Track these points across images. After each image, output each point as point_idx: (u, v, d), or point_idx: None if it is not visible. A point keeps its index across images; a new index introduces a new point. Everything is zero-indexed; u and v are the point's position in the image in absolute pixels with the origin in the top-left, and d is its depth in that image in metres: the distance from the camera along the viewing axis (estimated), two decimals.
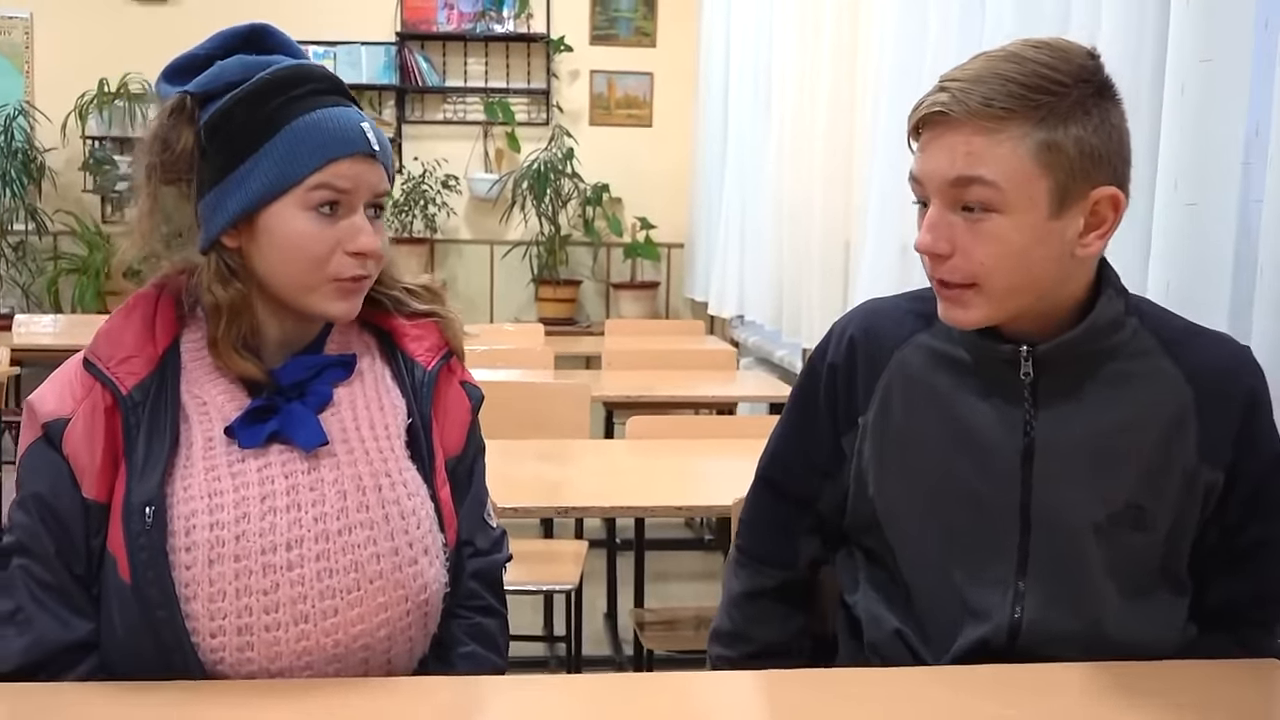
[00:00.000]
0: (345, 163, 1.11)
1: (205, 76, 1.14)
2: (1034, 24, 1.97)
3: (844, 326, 1.26)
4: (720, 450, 2.35)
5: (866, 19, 3.03)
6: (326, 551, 1.09)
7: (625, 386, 3.19)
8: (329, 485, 1.12)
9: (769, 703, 1.13)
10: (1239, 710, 1.05)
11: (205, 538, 1.07)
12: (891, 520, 1.22)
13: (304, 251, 1.11)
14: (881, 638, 1.22)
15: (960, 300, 1.12)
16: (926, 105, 1.09)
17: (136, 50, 5.75)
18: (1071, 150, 1.05)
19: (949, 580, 1.18)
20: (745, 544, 1.35)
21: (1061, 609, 1.15)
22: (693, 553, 4.31)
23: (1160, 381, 1.15)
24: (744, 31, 4.58)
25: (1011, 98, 1.04)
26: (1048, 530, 1.15)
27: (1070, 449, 1.15)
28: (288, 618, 1.07)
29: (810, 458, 1.27)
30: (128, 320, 1.14)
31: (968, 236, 1.08)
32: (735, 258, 4.61)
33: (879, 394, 1.21)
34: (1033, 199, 1.06)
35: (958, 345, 1.18)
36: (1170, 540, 1.16)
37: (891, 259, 2.71)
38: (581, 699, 1.13)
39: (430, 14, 5.89)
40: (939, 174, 1.09)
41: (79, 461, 1.08)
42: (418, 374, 1.22)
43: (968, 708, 1.05)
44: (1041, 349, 1.14)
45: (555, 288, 5.83)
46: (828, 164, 3.28)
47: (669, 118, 6.03)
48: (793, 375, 4.15)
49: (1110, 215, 1.09)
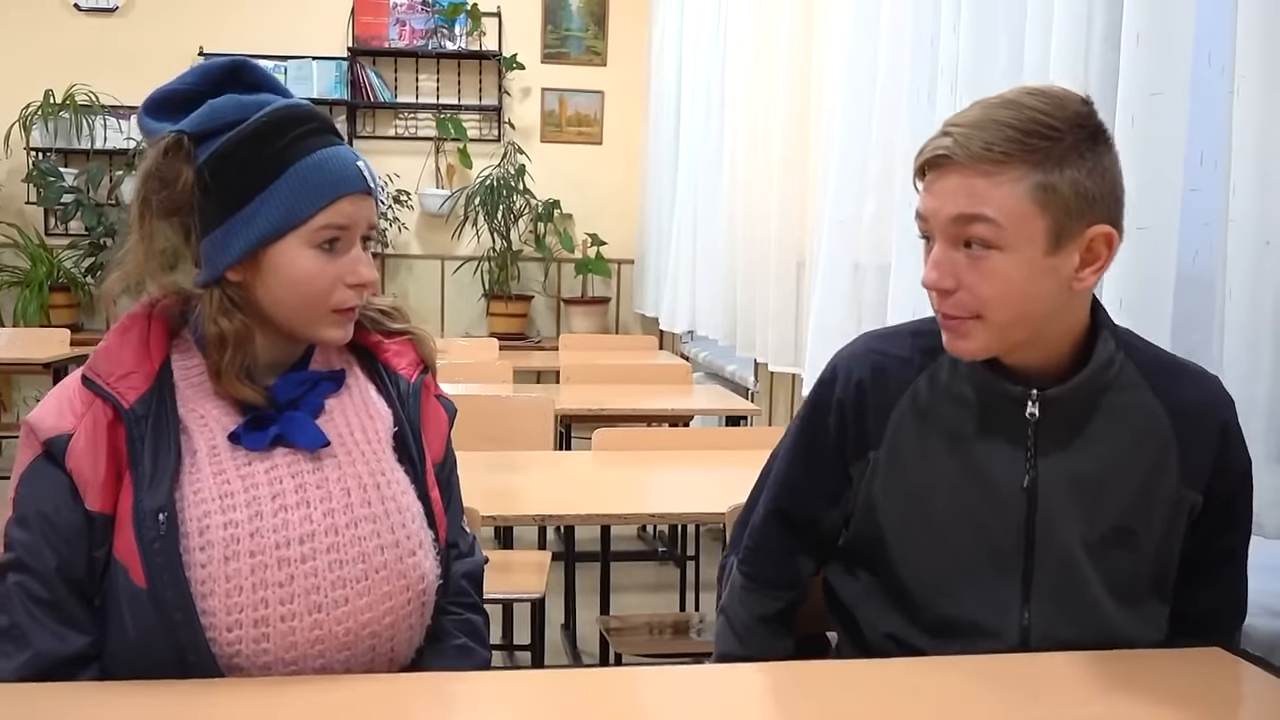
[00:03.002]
0: (346, 201, 1.18)
1: (200, 115, 1.17)
2: (988, 54, 2.06)
3: (849, 367, 1.31)
4: (686, 460, 2.42)
5: (820, 44, 3.12)
6: (336, 544, 1.16)
7: (583, 400, 3.25)
8: (333, 483, 1.18)
9: (769, 694, 1.19)
10: (1185, 689, 1.14)
11: (220, 536, 1.12)
12: (899, 544, 1.29)
13: (309, 286, 1.18)
14: (886, 643, 1.29)
15: (963, 331, 1.19)
16: (931, 149, 1.17)
17: (83, 62, 5.71)
18: (1067, 191, 1.12)
19: (959, 598, 1.26)
20: (754, 571, 1.38)
21: (1066, 622, 1.24)
22: (646, 564, 4.37)
23: (1145, 415, 1.24)
24: (696, 52, 4.67)
25: (1010, 143, 1.12)
26: (1049, 553, 1.24)
27: (1068, 479, 1.23)
28: (302, 608, 1.13)
29: (819, 487, 1.33)
30: (124, 339, 1.18)
31: (971, 272, 1.16)
32: (687, 274, 4.69)
33: (890, 430, 1.28)
34: (1031, 237, 1.13)
35: (964, 382, 1.26)
36: (1158, 557, 1.25)
37: (844, 278, 2.80)
38: (581, 694, 1.17)
39: (382, 30, 5.92)
40: (943, 212, 1.16)
41: (82, 476, 1.12)
42: (403, 386, 1.31)
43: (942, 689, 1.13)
44: (1050, 393, 1.22)
45: (507, 303, 5.87)
46: (782, 185, 3.37)
47: (619, 136, 6.12)
48: (742, 389, 4.24)
49: (1104, 252, 1.16)
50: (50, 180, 5.52)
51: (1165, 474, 1.24)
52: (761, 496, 1.39)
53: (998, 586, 1.25)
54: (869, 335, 1.37)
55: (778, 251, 3.39)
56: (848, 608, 1.34)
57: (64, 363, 4.45)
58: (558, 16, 6.09)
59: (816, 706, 1.13)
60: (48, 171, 5.55)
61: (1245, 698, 1.16)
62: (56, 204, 5.57)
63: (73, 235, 5.75)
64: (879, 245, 2.65)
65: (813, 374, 2.89)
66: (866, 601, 1.32)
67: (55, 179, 5.54)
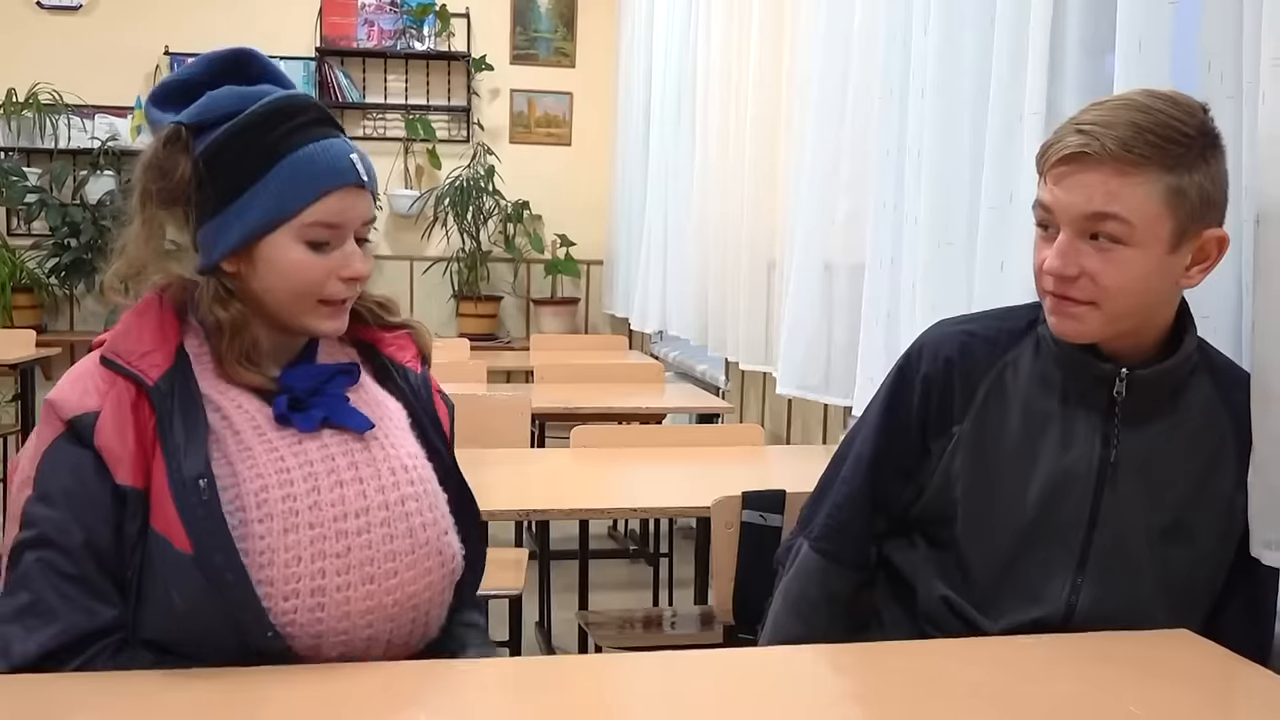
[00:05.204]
0: (336, 195, 1.20)
1: (198, 107, 1.20)
2: (955, 56, 2.11)
3: (937, 345, 1.37)
4: (662, 457, 2.45)
5: (791, 44, 3.15)
6: (388, 519, 1.20)
7: (557, 399, 3.27)
8: (381, 463, 1.23)
9: (791, 673, 1.22)
10: (1153, 668, 1.19)
11: (280, 509, 1.15)
12: (971, 517, 1.33)
13: (300, 279, 1.20)
14: (937, 608, 1.33)
15: (1078, 316, 1.24)
16: (1068, 146, 1.21)
17: (46, 60, 5.65)
18: (1193, 195, 1.19)
19: (1014, 566, 1.31)
20: (832, 548, 1.41)
21: (1111, 600, 1.29)
22: (618, 562, 4.40)
23: (1211, 414, 1.30)
24: (666, 54, 4.70)
25: (1148, 145, 1.17)
26: (1110, 533, 1.29)
27: (1140, 464, 1.29)
28: (357, 578, 1.17)
29: (900, 461, 1.38)
30: (142, 319, 1.21)
31: (1096, 262, 1.21)
32: (658, 275, 4.72)
33: (976, 406, 1.33)
34: (1157, 236, 1.20)
35: (1051, 362, 1.31)
36: (1211, 556, 1.30)
37: (816, 278, 2.84)
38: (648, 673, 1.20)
39: (350, 30, 5.90)
40: (1075, 207, 1.21)
41: (112, 452, 1.13)
42: (412, 378, 1.34)
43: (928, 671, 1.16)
44: (1139, 374, 1.27)
45: (476, 304, 5.88)
46: (753, 186, 3.40)
47: (588, 137, 6.14)
48: (713, 388, 4.28)
49: (1214, 253, 1.23)
50: (13, 180, 5.46)
51: (1224, 474, 1.29)
52: (841, 474, 1.42)
53: (1055, 559, 1.30)
54: (954, 319, 1.42)
55: (749, 252, 3.42)
56: (904, 575, 1.38)
57: (29, 364, 4.41)
58: (526, 18, 6.11)
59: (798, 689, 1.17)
60: (11, 171, 5.49)
61: (1211, 675, 1.21)
62: (20, 204, 5.51)
63: (36, 235, 5.69)
64: (850, 245, 2.69)
65: (785, 371, 2.93)
66: (924, 566, 1.36)
67: (18, 179, 5.48)
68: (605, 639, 2.20)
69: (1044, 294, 1.28)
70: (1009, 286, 1.88)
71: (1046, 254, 1.24)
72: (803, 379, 2.85)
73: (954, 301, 2.11)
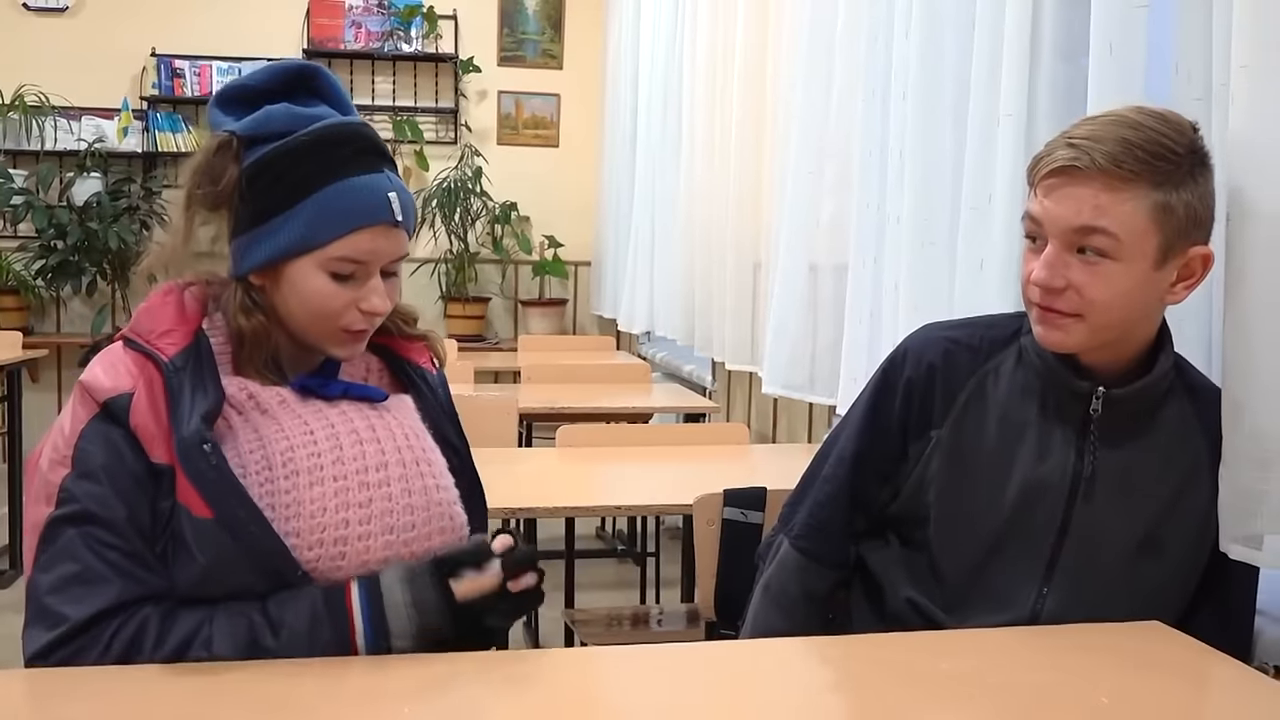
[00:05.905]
0: (368, 233, 1.22)
1: (252, 121, 1.24)
2: (936, 59, 2.14)
3: (921, 349, 1.39)
4: (649, 456, 2.47)
5: (775, 47, 3.18)
6: (405, 475, 1.25)
7: (545, 399, 3.29)
8: (397, 428, 1.28)
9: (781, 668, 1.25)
10: (1126, 659, 1.21)
11: (305, 465, 1.20)
12: (943, 519, 1.35)
13: (319, 306, 1.24)
14: (903, 610, 1.36)
15: (1062, 326, 1.26)
16: (1058, 159, 1.22)
17: (33, 62, 5.64)
18: (1181, 212, 1.20)
19: (984, 570, 1.33)
20: (811, 547, 1.43)
21: (1078, 609, 1.31)
22: (605, 561, 4.42)
23: (1185, 431, 1.32)
24: (653, 56, 4.73)
25: (1137, 161, 1.19)
26: (1079, 543, 1.31)
27: (1114, 479, 1.31)
28: (378, 528, 1.22)
29: (880, 464, 1.40)
30: (165, 300, 1.25)
31: (1083, 275, 1.23)
32: (645, 276, 4.74)
33: (955, 412, 1.35)
34: (1144, 251, 1.21)
35: (1031, 373, 1.33)
36: (1180, 569, 1.33)
37: (801, 278, 2.87)
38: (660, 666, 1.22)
39: (338, 32, 5.91)
40: (1064, 220, 1.22)
41: (147, 430, 1.17)
42: (430, 378, 1.40)
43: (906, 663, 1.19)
44: (1116, 393, 1.29)
45: (464, 305, 5.89)
46: (739, 188, 3.43)
47: (575, 138, 6.16)
48: (700, 388, 4.30)
49: (1200, 270, 1.25)
50: (0, 182, 5.45)
51: (1198, 491, 1.31)
52: (823, 473, 1.44)
53: (1024, 565, 1.32)
54: (941, 323, 1.44)
55: (735, 253, 3.45)
56: (874, 574, 1.40)
57: (16, 366, 4.41)
58: (514, 20, 6.12)
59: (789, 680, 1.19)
60: None
61: (1182, 665, 1.23)
62: (6, 206, 5.50)
63: (22, 237, 5.68)
64: (835, 246, 2.71)
65: (770, 371, 2.95)
66: (894, 568, 1.38)
67: (5, 180, 5.47)
68: (591, 636, 2.22)
69: (1030, 305, 1.29)
70: (988, 285, 1.91)
71: (1034, 265, 1.26)
72: (788, 378, 2.88)
73: (936, 300, 2.14)
